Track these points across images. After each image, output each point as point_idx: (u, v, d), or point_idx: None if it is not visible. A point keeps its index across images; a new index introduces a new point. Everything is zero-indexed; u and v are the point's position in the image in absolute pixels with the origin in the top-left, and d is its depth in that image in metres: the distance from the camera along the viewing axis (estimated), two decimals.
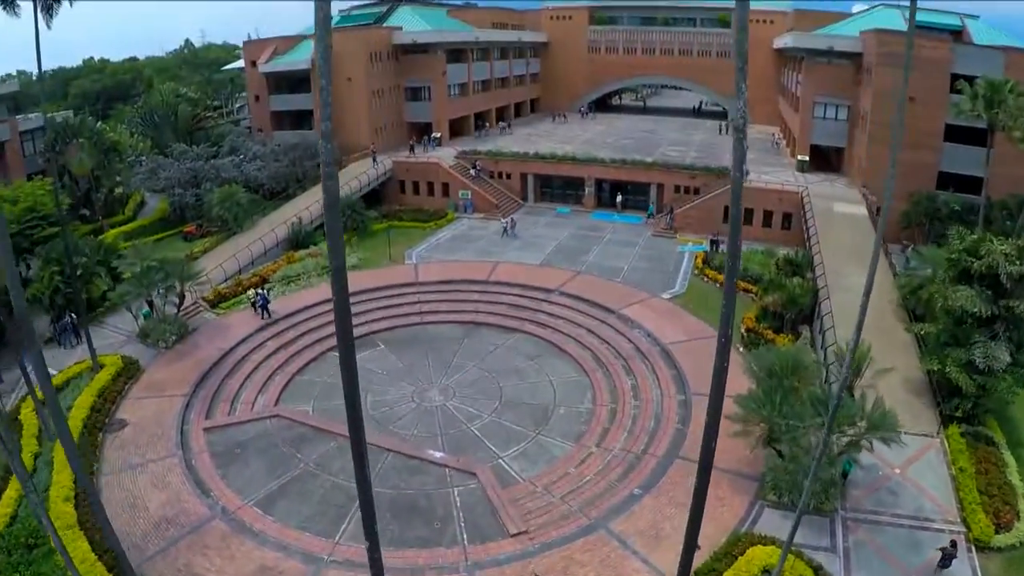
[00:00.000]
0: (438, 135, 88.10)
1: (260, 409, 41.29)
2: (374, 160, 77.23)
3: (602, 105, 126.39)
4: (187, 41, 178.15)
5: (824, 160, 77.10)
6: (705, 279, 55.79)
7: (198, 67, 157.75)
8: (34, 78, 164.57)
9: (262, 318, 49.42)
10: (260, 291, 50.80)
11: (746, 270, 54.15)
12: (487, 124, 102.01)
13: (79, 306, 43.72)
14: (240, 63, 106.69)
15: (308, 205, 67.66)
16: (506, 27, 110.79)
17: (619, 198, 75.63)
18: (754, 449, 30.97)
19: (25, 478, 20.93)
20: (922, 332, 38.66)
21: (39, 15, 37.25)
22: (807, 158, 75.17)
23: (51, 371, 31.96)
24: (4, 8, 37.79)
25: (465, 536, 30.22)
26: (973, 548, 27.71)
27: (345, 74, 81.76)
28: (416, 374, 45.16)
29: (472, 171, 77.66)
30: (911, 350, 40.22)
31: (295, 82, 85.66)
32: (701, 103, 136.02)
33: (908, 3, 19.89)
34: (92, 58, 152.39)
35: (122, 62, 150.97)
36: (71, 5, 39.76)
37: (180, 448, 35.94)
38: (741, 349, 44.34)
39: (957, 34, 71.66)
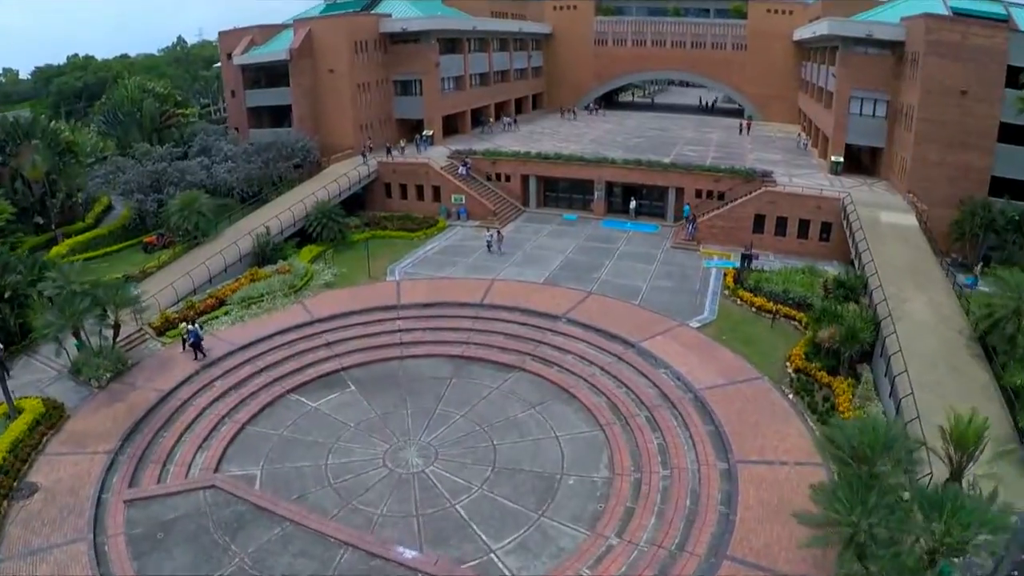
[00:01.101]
0: (430, 133, 79.63)
1: (196, 474, 33.23)
2: (364, 158, 68.99)
3: (608, 102, 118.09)
4: (179, 38, 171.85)
5: (855, 161, 68.81)
6: (738, 302, 47.45)
7: (190, 65, 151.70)
8: (19, 76, 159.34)
9: (195, 358, 40.88)
10: (191, 325, 42.10)
11: (787, 293, 46.04)
12: (490, 120, 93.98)
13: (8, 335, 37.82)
14: None
15: (279, 212, 59.18)
16: (506, 16, 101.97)
17: (632, 204, 67.29)
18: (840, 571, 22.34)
19: None
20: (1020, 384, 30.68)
21: None
22: (841, 159, 66.84)
23: None
24: None
25: None
26: None
27: (327, 65, 73.86)
28: (391, 426, 36.78)
29: (461, 169, 69.33)
30: (992, 393, 32.43)
31: (273, 75, 77.25)
32: (715, 99, 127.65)
33: None
34: (76, 55, 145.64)
35: (108, 59, 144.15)
36: None
37: (93, 528, 28.66)
38: (791, 396, 35.99)
39: (1001, 23, 63.40)
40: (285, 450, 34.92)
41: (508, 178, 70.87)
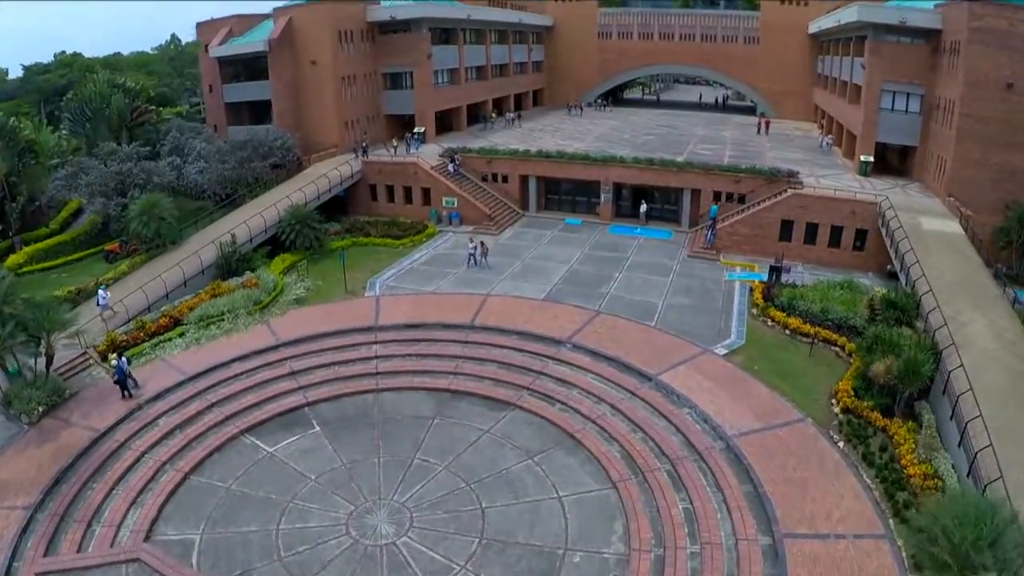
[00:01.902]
0: (421, 130, 73.24)
1: (125, 538, 27.25)
2: (357, 156, 63.78)
3: (612, 99, 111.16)
4: (173, 36, 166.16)
5: (882, 161, 62.67)
6: (769, 323, 41.26)
7: (183, 62, 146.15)
8: (8, 75, 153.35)
9: (123, 397, 34.74)
10: (118, 358, 35.87)
11: (825, 313, 39.77)
12: (493, 115, 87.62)
13: None
14: None
15: (249, 217, 52.96)
16: (505, 6, 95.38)
17: (643, 207, 60.98)
18: None
19: None
20: None
21: None
22: (871, 159, 60.52)
23: None
24: None
25: None
26: None
27: (308, 57, 67.64)
28: (359, 480, 30.50)
29: (449, 167, 63.16)
30: None
31: (253, 69, 70.85)
32: (725, 96, 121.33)
33: None
34: (64, 52, 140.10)
35: (97, 57, 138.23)
36: None
37: None
38: (841, 443, 29.82)
39: None
40: (232, 508, 28.82)
41: (505, 179, 64.65)
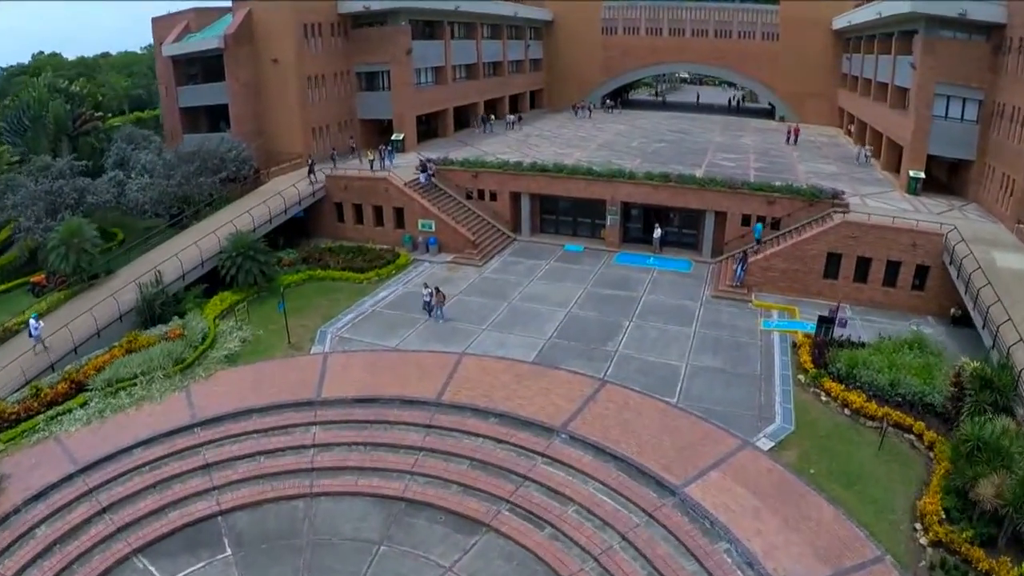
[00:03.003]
0: (400, 137, 63.96)
1: None
2: (312, 171, 53.14)
3: (620, 100, 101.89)
4: None
5: (928, 176, 52.98)
6: (822, 396, 32.11)
7: None
8: None
9: None
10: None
11: (895, 387, 30.57)
12: (491, 118, 78.69)
13: None
14: None
15: (184, 247, 43.67)
16: None
17: (657, 232, 51.59)
18: None
19: None
20: None
21: None
22: (922, 175, 51.38)
23: None
24: None
25: None
26: None
27: (269, 54, 58.22)
28: None
29: (420, 177, 53.84)
30: None
31: (211, 69, 61.71)
32: (739, 97, 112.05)
33: None
34: (42, 52, 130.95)
35: (83, 57, 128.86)
36: None
37: None
38: None
39: None
40: None
41: (494, 196, 55.30)
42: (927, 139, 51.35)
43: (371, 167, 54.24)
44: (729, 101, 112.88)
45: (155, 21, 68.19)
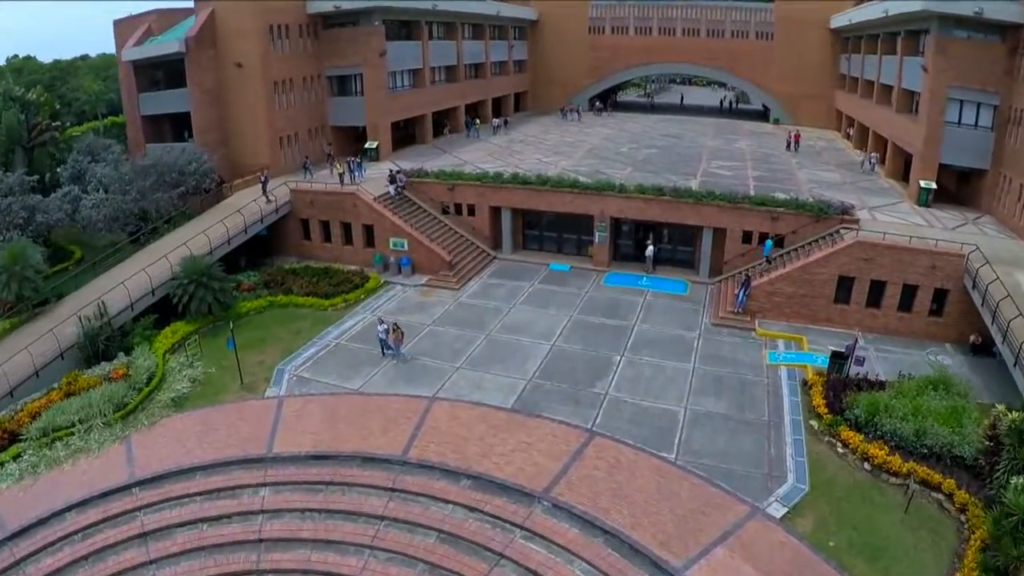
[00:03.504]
0: (374, 145, 59.89)
1: None
2: (264, 190, 48.88)
3: (610, 102, 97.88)
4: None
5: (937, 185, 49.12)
6: (839, 447, 28.40)
7: None
8: None
9: None
10: None
11: (920, 437, 27.00)
12: (477, 122, 74.66)
13: None
14: None
15: (135, 271, 39.64)
16: None
17: (650, 249, 47.58)
18: None
19: None
20: None
21: None
22: (933, 185, 47.60)
23: None
24: None
25: None
26: None
27: (233, 58, 53.93)
28: None
29: (389, 188, 49.69)
30: None
31: (175, 74, 57.25)
32: (731, 99, 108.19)
33: None
34: (16, 55, 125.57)
35: (60, 61, 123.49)
36: None
37: None
38: None
39: None
40: None
41: (472, 211, 51.19)
42: (939, 147, 47.72)
43: (340, 181, 49.89)
44: (721, 103, 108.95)
45: (117, 24, 63.51)
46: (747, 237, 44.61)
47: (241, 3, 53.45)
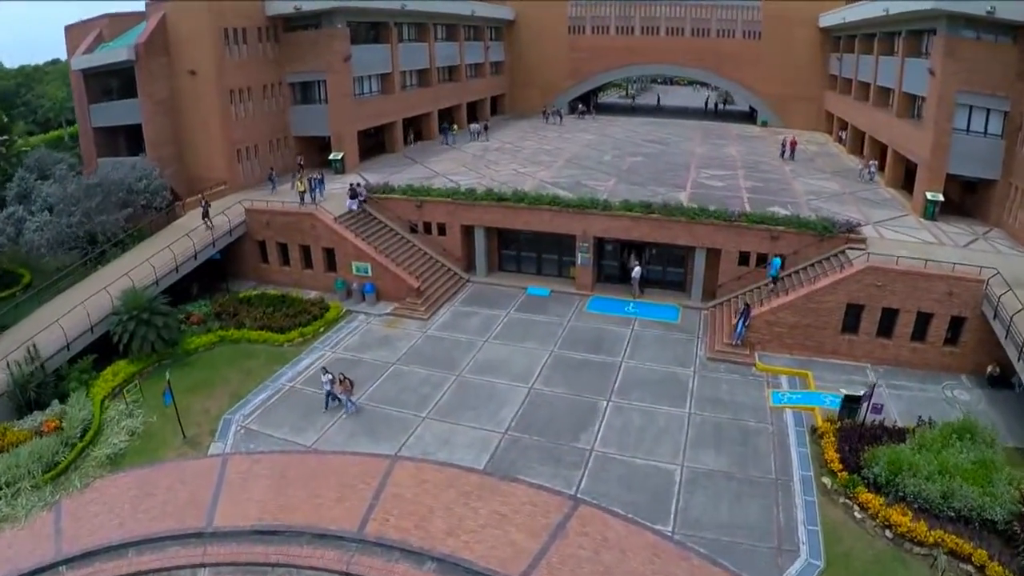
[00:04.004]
0: (339, 156, 55.85)
1: None
2: (205, 215, 44.67)
3: (593, 104, 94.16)
4: None
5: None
6: (856, 511, 24.63)
7: None
8: None
9: None
10: None
11: (947, 499, 23.81)
12: (454, 127, 71.16)
13: None
14: None
15: (76, 304, 35.48)
16: None
17: (636, 270, 43.79)
18: None
19: None
20: None
21: None
22: (941, 197, 44.11)
23: None
24: None
25: None
26: None
27: (186, 65, 49.78)
28: None
29: (350, 204, 45.78)
30: None
31: (128, 83, 52.66)
32: (724, 100, 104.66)
33: None
34: None
35: (27, 66, 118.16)
36: None
37: None
38: None
39: None
40: None
41: (443, 229, 47.14)
42: (947, 156, 44.21)
43: (301, 199, 45.75)
44: (705, 104, 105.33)
45: (68, 29, 59.15)
46: (744, 258, 40.87)
47: (193, 5, 49.26)
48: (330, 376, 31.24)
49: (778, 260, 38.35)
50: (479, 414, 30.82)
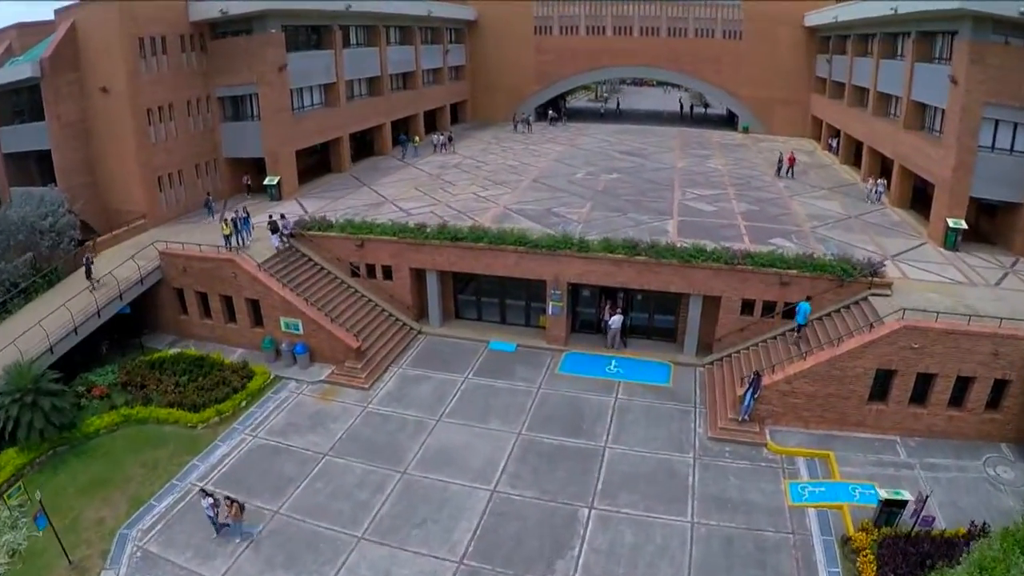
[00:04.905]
0: (275, 181, 48.99)
1: None
2: (89, 275, 37.31)
3: (563, 110, 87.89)
4: None
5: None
6: None
7: None
8: None
9: None
10: None
11: None
12: (415, 139, 65.32)
13: None
14: None
15: None
16: None
17: (616, 320, 37.12)
18: None
19: None
20: None
21: None
22: (963, 224, 38.39)
23: None
24: None
25: None
26: None
27: (97, 81, 42.80)
28: None
29: (274, 241, 38.86)
30: None
31: (37, 103, 45.14)
32: (705, 104, 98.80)
33: None
34: None
35: None
36: None
37: None
38: None
39: None
40: None
41: (388, 273, 40.24)
42: (971, 178, 38.28)
43: (227, 243, 38.52)
44: (680, 107, 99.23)
45: None
46: (748, 307, 34.50)
47: (102, 13, 42.15)
48: (212, 499, 24.23)
49: (806, 305, 31.71)
50: (428, 533, 24.14)
